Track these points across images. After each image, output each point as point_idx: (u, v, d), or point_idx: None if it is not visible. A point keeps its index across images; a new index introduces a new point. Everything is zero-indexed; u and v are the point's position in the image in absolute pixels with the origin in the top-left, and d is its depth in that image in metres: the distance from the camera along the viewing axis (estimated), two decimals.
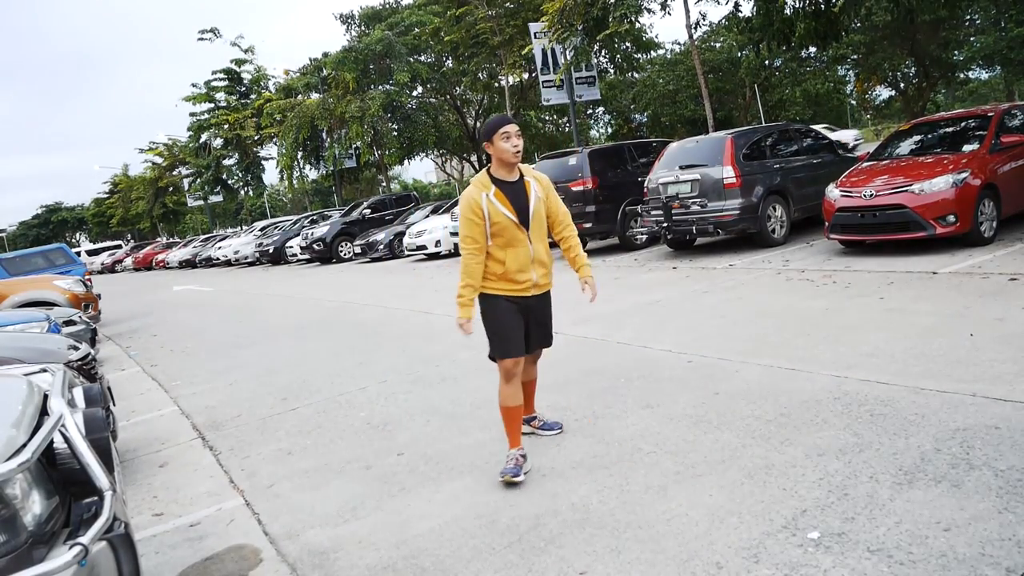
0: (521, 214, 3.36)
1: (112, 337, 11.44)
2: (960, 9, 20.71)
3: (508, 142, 3.32)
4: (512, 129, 3.34)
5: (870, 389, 3.82)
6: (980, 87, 40.88)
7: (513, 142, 3.32)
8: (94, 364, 4.75)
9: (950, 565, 2.24)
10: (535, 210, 3.41)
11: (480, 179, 3.40)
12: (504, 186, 3.37)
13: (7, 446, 1.85)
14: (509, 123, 3.36)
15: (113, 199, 55.80)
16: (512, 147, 3.32)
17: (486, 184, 3.36)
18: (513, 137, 3.33)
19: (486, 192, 3.32)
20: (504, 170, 3.40)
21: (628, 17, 15.20)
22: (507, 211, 3.32)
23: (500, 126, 3.34)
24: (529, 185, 3.42)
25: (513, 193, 3.36)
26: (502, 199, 3.33)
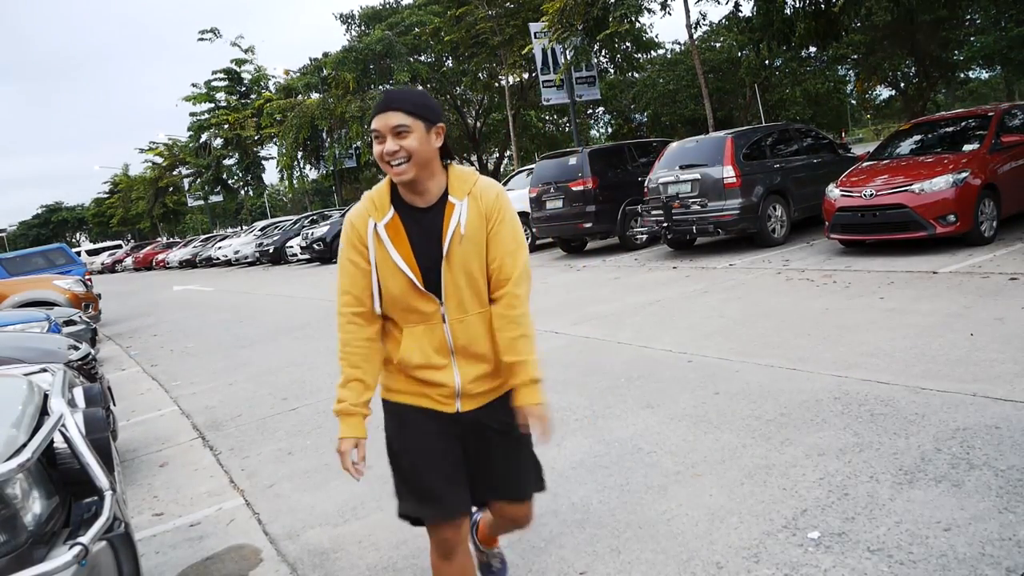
0: (427, 268, 1.85)
1: (112, 337, 11.44)
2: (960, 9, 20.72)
3: (377, 145, 1.82)
4: (383, 124, 1.80)
5: (870, 389, 3.82)
6: (980, 87, 40.90)
7: (387, 147, 1.79)
8: (94, 364, 4.75)
9: (950, 565, 2.24)
10: (454, 257, 1.85)
11: (375, 195, 1.91)
12: (408, 214, 1.87)
13: (7, 446, 1.85)
14: (382, 111, 1.81)
15: (113, 199, 55.83)
16: (382, 154, 1.80)
17: (381, 205, 1.88)
18: (386, 139, 1.79)
19: (375, 220, 1.87)
20: (409, 187, 1.86)
21: (628, 17, 15.20)
22: (401, 260, 1.84)
23: (373, 116, 1.84)
24: (451, 213, 1.86)
25: (420, 229, 1.87)
26: (398, 237, 1.85)
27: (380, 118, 1.78)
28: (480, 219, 1.85)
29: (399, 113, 1.76)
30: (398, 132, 1.75)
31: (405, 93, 1.81)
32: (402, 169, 1.76)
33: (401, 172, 1.77)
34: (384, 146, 1.77)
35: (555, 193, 11.95)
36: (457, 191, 1.87)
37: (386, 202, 1.87)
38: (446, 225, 1.84)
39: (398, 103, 1.77)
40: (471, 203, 1.86)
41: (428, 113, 1.79)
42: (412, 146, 1.76)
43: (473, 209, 1.85)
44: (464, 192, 1.87)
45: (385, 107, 1.78)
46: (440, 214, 1.85)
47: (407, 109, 1.77)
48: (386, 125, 1.76)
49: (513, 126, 24.61)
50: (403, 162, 1.76)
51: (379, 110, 1.79)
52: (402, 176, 1.77)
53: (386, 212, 1.85)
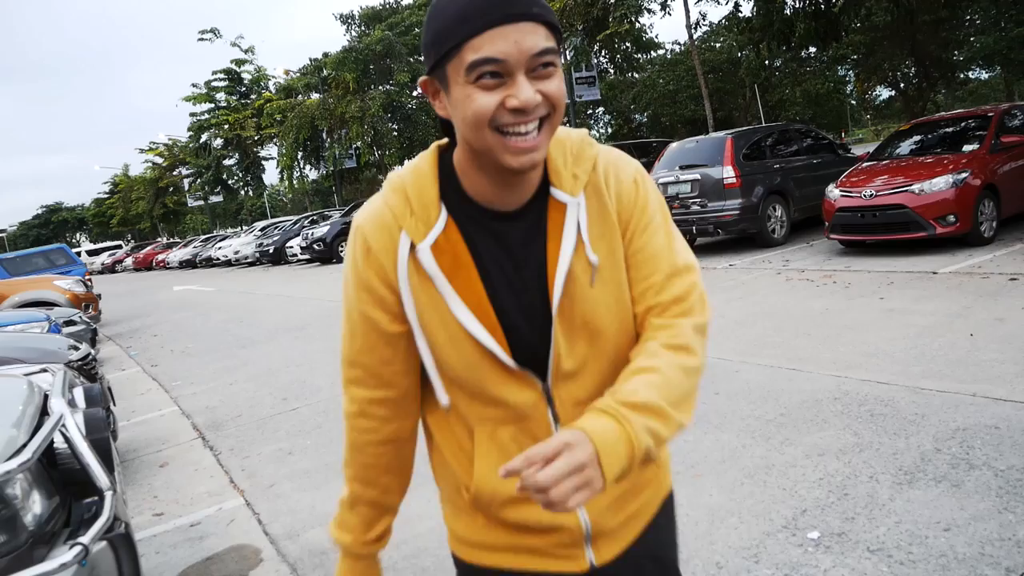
0: (519, 327, 0.98)
1: (112, 337, 11.45)
2: (960, 9, 20.73)
3: (484, 94, 0.86)
4: (514, 46, 0.85)
5: (870, 389, 3.82)
6: (980, 87, 40.89)
7: (521, 95, 0.86)
8: (94, 364, 4.75)
9: (950, 565, 2.24)
10: (574, 305, 0.98)
11: (409, 185, 0.99)
12: (477, 223, 0.98)
13: (7, 446, 1.85)
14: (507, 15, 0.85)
15: (113, 199, 55.88)
16: (501, 109, 0.87)
17: (423, 206, 0.98)
18: (515, 77, 0.86)
19: (412, 237, 0.96)
20: (492, 178, 0.96)
21: (628, 17, 15.22)
22: (468, 314, 0.96)
23: (480, 26, 0.85)
24: (559, 222, 0.99)
25: (502, 253, 0.98)
26: (460, 269, 0.97)
27: (503, 33, 0.84)
28: (611, 228, 0.99)
29: (541, 28, 0.87)
30: (543, 64, 0.87)
31: None
32: (536, 142, 0.89)
33: (534, 147, 0.89)
34: (513, 92, 0.86)
35: None
36: (564, 178, 0.98)
37: (433, 199, 0.96)
38: (553, 247, 0.96)
39: (528, 6, 0.86)
40: (592, 199, 0.99)
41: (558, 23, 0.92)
42: (557, 93, 0.89)
43: (596, 210, 0.99)
44: (579, 179, 0.99)
45: (505, 10, 0.85)
46: (538, 225, 0.97)
47: (549, 20, 0.88)
48: (520, 49, 0.85)
49: None
50: (538, 127, 0.89)
51: (491, 17, 0.84)
52: (532, 156, 0.89)
53: (434, 220, 0.95)
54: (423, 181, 0.99)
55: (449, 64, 0.88)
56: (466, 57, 0.86)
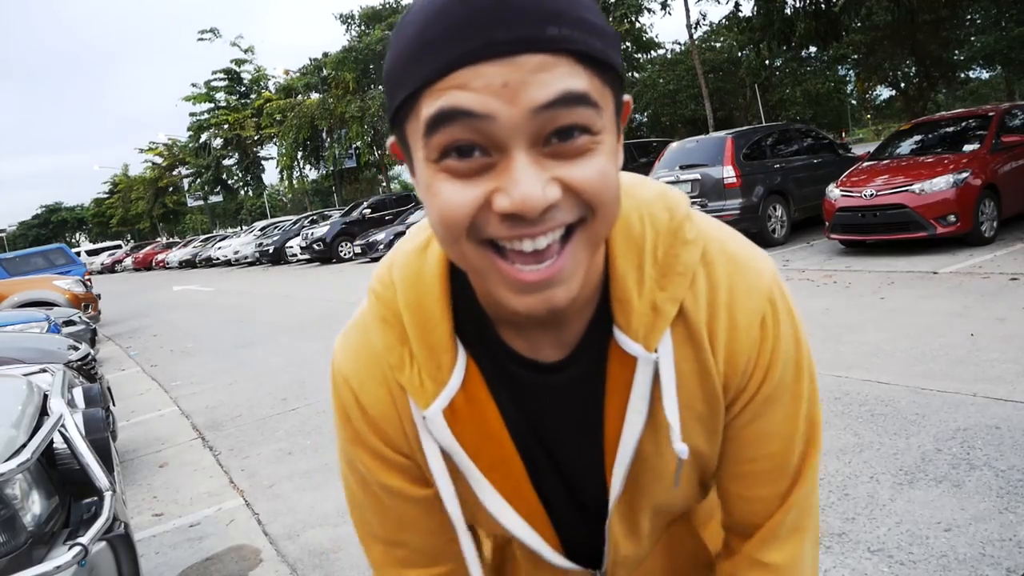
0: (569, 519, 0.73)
1: (112, 337, 11.45)
2: (961, 9, 20.72)
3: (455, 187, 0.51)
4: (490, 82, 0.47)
5: (870, 389, 3.82)
6: (981, 87, 40.89)
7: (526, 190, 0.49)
8: (94, 364, 4.75)
9: (950, 565, 2.23)
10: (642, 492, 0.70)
11: (408, 318, 0.65)
12: (511, 377, 0.66)
13: (7, 446, 1.85)
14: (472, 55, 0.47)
15: (113, 199, 55.90)
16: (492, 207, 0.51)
17: (434, 360, 0.64)
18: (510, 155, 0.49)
19: (418, 400, 0.65)
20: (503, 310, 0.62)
21: (628, 17, 15.21)
22: (502, 504, 0.69)
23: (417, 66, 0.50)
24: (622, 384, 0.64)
25: (540, 420, 0.68)
26: (485, 443, 0.67)
27: (485, 72, 0.48)
28: (710, 399, 0.66)
29: (568, 62, 0.49)
30: (566, 130, 0.50)
31: None
32: (555, 269, 0.53)
33: (550, 278, 0.53)
34: (503, 184, 0.50)
35: None
36: (636, 311, 0.62)
37: (444, 337, 0.65)
38: (614, 420, 0.66)
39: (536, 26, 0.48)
40: (684, 348, 0.64)
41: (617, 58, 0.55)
42: (597, 184, 0.52)
43: (690, 370, 0.65)
44: (662, 315, 0.62)
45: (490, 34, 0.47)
46: (592, 381, 0.66)
47: (587, 49, 0.50)
48: (517, 99, 0.48)
49: None
50: (562, 237, 0.53)
51: (465, 44, 0.48)
52: (549, 295, 0.54)
53: (447, 371, 0.65)
54: (427, 304, 0.63)
55: (407, 124, 0.53)
56: (423, 113, 0.50)
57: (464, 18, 0.48)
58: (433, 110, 0.50)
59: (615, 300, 0.62)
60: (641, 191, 0.65)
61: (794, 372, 0.69)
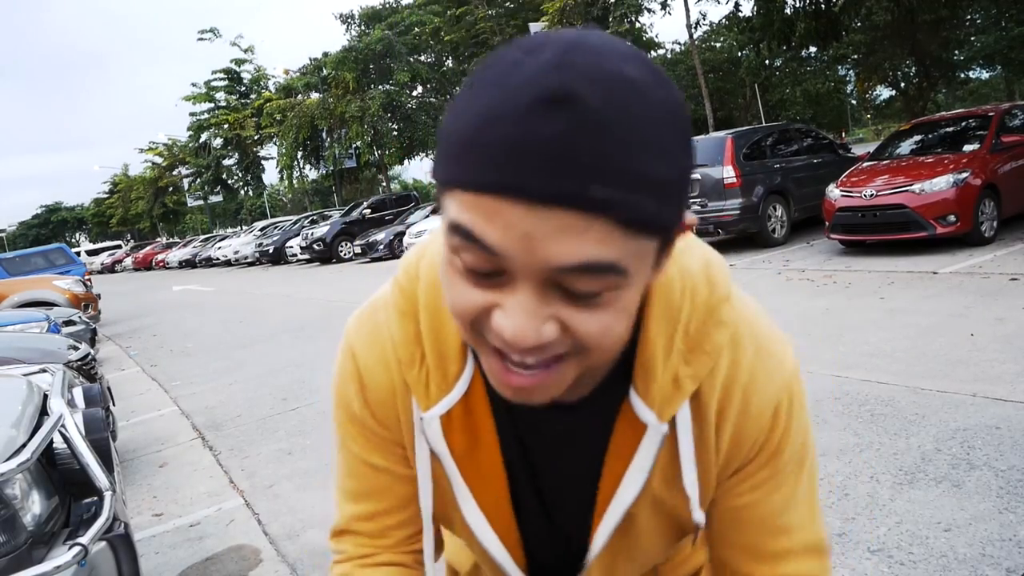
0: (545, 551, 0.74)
1: (112, 337, 11.45)
2: (961, 9, 20.73)
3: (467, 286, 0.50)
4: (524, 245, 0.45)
5: (870, 389, 3.82)
6: (981, 87, 40.90)
7: (517, 327, 0.48)
8: (94, 364, 4.75)
9: (950, 565, 2.23)
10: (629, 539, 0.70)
11: (425, 321, 0.65)
12: (514, 410, 0.66)
13: (7, 446, 1.85)
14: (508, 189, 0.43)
15: (113, 199, 55.86)
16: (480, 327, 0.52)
17: (442, 367, 0.65)
18: (515, 284, 0.48)
19: (420, 402, 0.67)
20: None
21: (628, 17, 15.23)
22: (479, 519, 0.69)
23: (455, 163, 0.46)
24: (632, 435, 0.64)
25: (537, 443, 0.68)
26: (480, 455, 0.68)
27: (505, 211, 0.45)
28: (705, 467, 0.67)
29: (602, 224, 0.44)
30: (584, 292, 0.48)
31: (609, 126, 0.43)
32: (541, 379, 0.52)
33: (535, 385, 0.53)
34: (505, 310, 0.49)
35: None
36: (657, 381, 0.62)
37: (455, 347, 0.65)
38: (611, 473, 0.67)
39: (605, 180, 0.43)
40: (695, 422, 0.65)
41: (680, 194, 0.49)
42: (598, 335, 0.50)
43: (700, 431, 0.65)
44: (682, 389, 0.62)
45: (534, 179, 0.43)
46: (598, 427, 0.67)
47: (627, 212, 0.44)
48: (533, 251, 0.45)
49: None
50: (547, 366, 0.52)
51: (507, 176, 0.44)
52: (534, 397, 0.54)
53: (452, 379, 0.66)
54: (445, 311, 0.62)
55: (446, 193, 0.49)
56: (449, 207, 0.49)
57: (515, 142, 0.43)
58: (455, 219, 0.47)
59: (639, 365, 0.61)
60: (687, 259, 0.65)
61: (797, 462, 0.69)
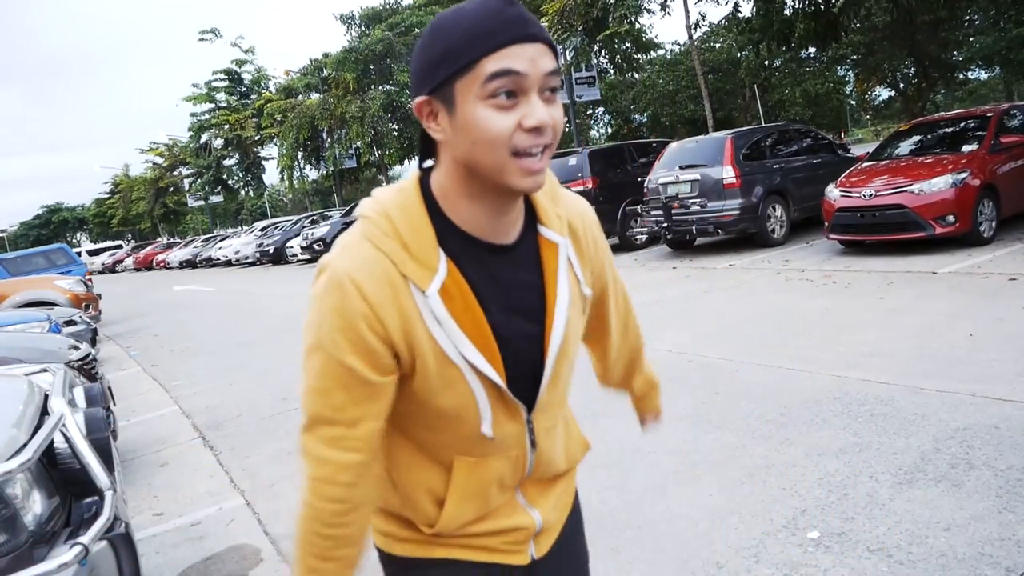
0: (518, 359, 1.00)
1: (113, 337, 11.44)
2: (960, 9, 20.73)
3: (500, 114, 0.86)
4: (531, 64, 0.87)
5: (870, 389, 3.82)
6: (980, 87, 40.89)
7: (536, 115, 0.87)
8: (94, 364, 4.75)
9: (950, 565, 2.24)
10: (568, 340, 1.05)
11: (402, 225, 0.93)
12: (474, 260, 0.96)
13: (8, 446, 1.85)
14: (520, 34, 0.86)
15: (114, 199, 55.84)
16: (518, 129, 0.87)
17: (421, 249, 0.93)
18: (529, 94, 0.87)
19: (417, 283, 0.92)
20: (485, 205, 0.95)
21: (628, 17, 15.22)
22: (476, 353, 0.95)
23: (498, 43, 0.85)
24: (553, 262, 1.02)
25: (500, 289, 0.98)
26: (466, 309, 0.95)
27: (523, 51, 0.86)
28: (589, 266, 1.09)
29: (550, 52, 0.89)
30: (551, 88, 0.89)
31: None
32: (542, 164, 0.90)
33: (541, 169, 0.90)
34: (529, 112, 0.86)
35: None
36: (552, 217, 1.03)
37: (431, 241, 0.92)
38: (552, 289, 1.00)
39: (541, 29, 0.90)
40: (574, 240, 1.06)
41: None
42: (560, 122, 0.90)
43: (580, 251, 1.07)
44: (562, 220, 1.04)
45: (526, 29, 0.87)
46: (533, 262, 1.00)
47: (555, 49, 0.92)
48: (537, 67, 0.86)
49: None
50: (546, 148, 0.90)
51: (513, 33, 0.86)
52: (538, 179, 0.90)
53: (436, 264, 0.92)
54: (417, 221, 0.94)
55: (460, 81, 0.87)
56: (485, 70, 0.85)
57: (511, 19, 0.86)
58: (496, 67, 0.85)
59: (539, 209, 1.02)
60: None
61: (613, 263, 1.20)
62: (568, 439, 1.23)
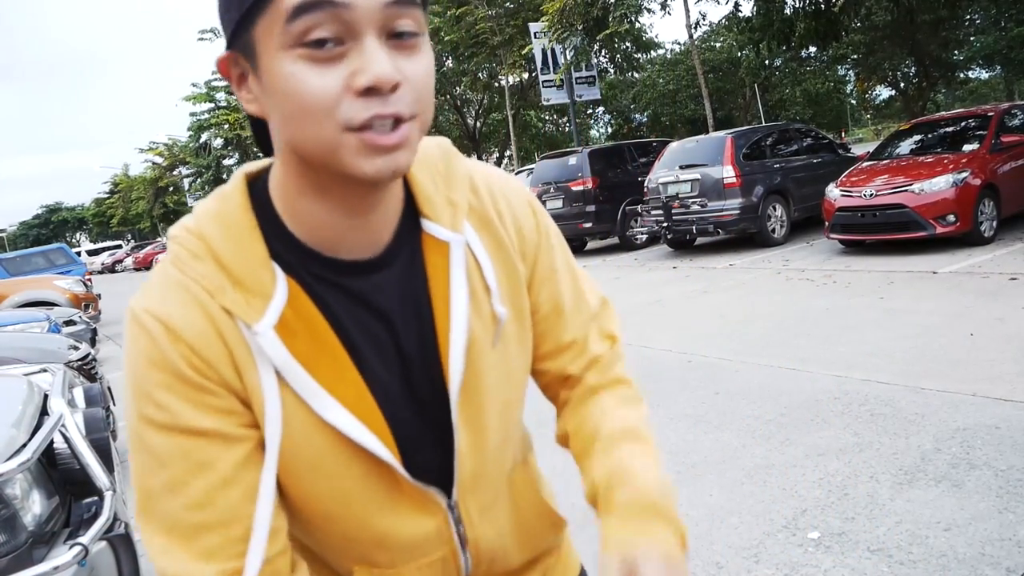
0: (409, 421, 0.70)
1: (112, 337, 11.44)
2: (960, 9, 20.73)
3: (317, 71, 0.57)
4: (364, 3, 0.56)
5: (870, 389, 3.82)
6: (980, 87, 40.87)
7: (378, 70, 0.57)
8: (94, 364, 4.75)
9: (950, 565, 2.24)
10: (481, 378, 0.72)
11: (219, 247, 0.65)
12: (332, 287, 0.67)
13: (7, 446, 1.85)
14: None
15: (113, 199, 55.85)
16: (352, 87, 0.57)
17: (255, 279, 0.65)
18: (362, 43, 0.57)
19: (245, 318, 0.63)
20: (330, 204, 0.65)
21: (628, 17, 15.22)
22: (348, 418, 0.66)
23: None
24: (440, 258, 0.71)
25: (370, 322, 0.69)
26: (326, 356, 0.66)
27: None
28: (511, 270, 0.76)
29: None
30: (404, 32, 0.60)
31: None
32: (400, 138, 0.60)
33: (397, 144, 0.60)
34: (361, 65, 0.58)
35: (555, 193, 11.96)
36: (438, 206, 0.73)
37: (260, 256, 0.66)
38: (441, 303, 0.71)
39: None
40: (483, 232, 0.75)
41: None
42: (425, 78, 0.64)
43: (491, 247, 0.75)
44: (458, 207, 0.74)
45: None
46: (412, 273, 0.71)
47: None
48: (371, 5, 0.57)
49: (513, 126, 24.63)
50: (402, 120, 0.60)
51: None
52: (395, 158, 0.60)
53: (270, 288, 0.65)
54: (238, 232, 0.66)
55: (258, 23, 0.58)
56: (284, 4, 0.56)
57: None
58: (298, 2, 0.56)
59: (420, 198, 0.72)
60: (429, 142, 0.78)
61: (561, 244, 0.84)
62: (522, 517, 0.85)
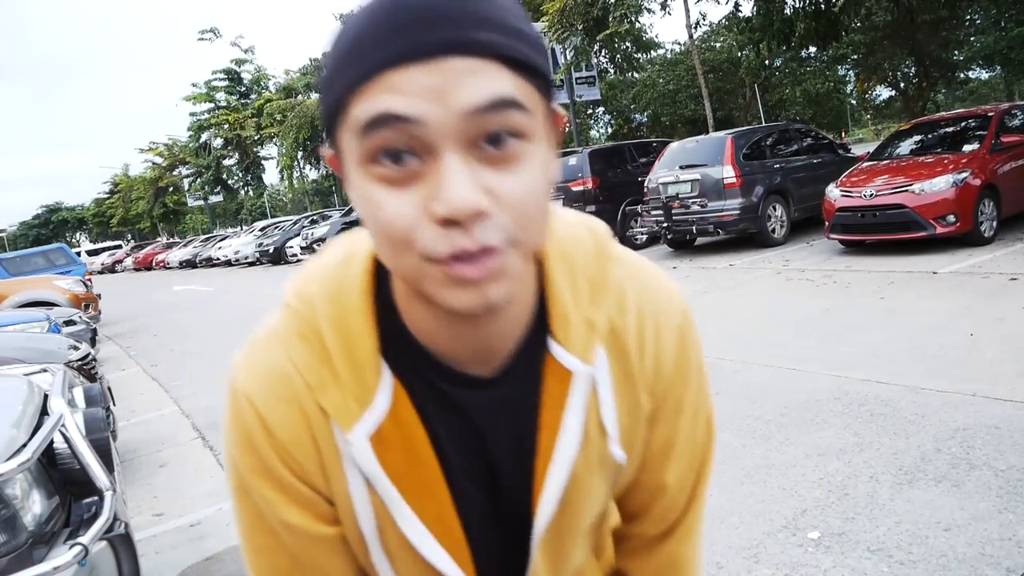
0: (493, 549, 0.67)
1: (112, 337, 11.44)
2: (960, 9, 20.73)
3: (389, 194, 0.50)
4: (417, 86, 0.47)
5: (870, 389, 3.82)
6: (980, 87, 40.88)
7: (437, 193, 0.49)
8: (94, 364, 4.75)
9: (950, 565, 2.24)
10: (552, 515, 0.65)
11: (329, 334, 0.61)
12: (438, 397, 0.62)
13: (7, 446, 1.85)
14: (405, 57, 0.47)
15: (113, 199, 55.83)
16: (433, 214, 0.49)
17: (359, 379, 0.60)
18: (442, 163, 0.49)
19: (340, 422, 0.60)
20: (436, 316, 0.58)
21: (628, 17, 15.24)
22: (429, 540, 0.62)
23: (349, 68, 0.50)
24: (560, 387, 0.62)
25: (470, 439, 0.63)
26: (420, 473, 0.62)
27: (410, 77, 0.48)
28: (634, 409, 0.68)
29: (496, 66, 0.49)
30: (496, 135, 0.50)
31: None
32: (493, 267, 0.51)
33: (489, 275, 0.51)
34: (435, 191, 0.49)
35: (555, 193, 11.93)
36: (573, 327, 0.62)
37: (369, 355, 0.60)
38: (547, 438, 0.64)
39: (466, 28, 0.48)
40: (614, 361, 0.65)
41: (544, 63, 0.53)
42: (524, 195, 0.51)
43: (620, 382, 0.66)
44: (596, 330, 0.63)
45: (423, 35, 0.48)
46: (524, 397, 0.64)
47: (515, 54, 0.50)
48: (447, 103, 0.48)
49: None
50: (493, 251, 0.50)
51: (399, 46, 0.48)
52: (488, 292, 0.51)
53: (372, 391, 0.60)
54: (351, 320, 0.60)
55: (340, 129, 0.52)
56: (353, 116, 0.50)
57: (393, 22, 0.48)
58: (365, 114, 0.49)
59: (554, 316, 0.62)
60: (564, 213, 0.69)
61: (699, 378, 0.72)
62: None
